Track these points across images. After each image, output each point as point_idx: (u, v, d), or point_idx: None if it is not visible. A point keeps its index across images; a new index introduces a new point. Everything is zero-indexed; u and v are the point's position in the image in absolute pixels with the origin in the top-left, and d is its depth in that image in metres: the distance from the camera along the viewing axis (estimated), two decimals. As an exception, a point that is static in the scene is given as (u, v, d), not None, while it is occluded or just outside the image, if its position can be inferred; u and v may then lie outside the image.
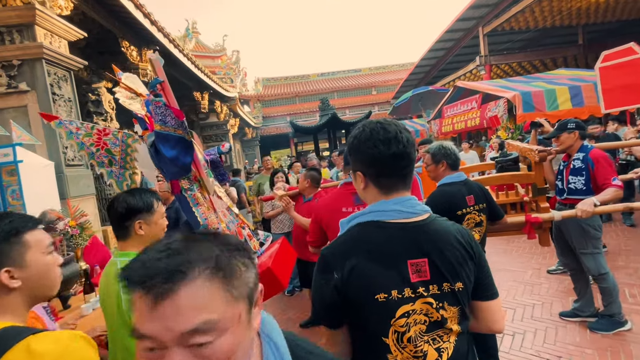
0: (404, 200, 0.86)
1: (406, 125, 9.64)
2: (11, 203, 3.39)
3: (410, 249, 0.82)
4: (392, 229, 0.84)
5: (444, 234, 0.85)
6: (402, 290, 0.80)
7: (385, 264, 0.81)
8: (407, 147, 0.83)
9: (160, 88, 1.54)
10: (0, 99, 3.90)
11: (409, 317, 0.81)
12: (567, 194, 2.54)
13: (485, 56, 11.99)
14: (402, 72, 25.27)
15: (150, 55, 1.53)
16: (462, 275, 0.84)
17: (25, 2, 3.79)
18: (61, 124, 1.73)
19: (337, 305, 0.83)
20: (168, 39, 7.02)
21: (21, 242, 0.80)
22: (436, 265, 0.82)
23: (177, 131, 1.52)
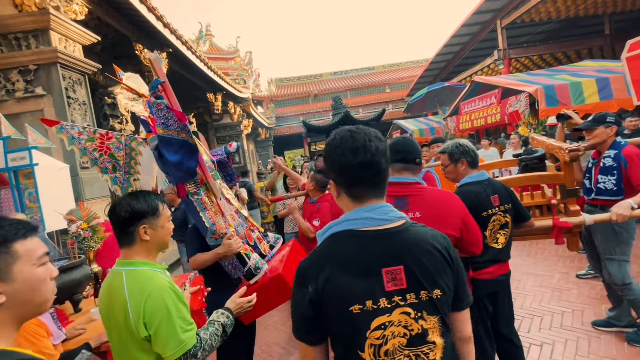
0: (377, 208, 0.83)
1: (421, 123, 9.43)
2: (28, 205, 3.45)
3: (384, 256, 0.80)
4: (365, 237, 0.82)
5: (420, 240, 0.83)
6: (377, 301, 0.78)
7: (359, 273, 0.79)
8: (375, 156, 0.81)
9: (162, 89, 1.46)
10: (18, 103, 3.98)
11: (385, 329, 0.78)
12: (595, 194, 2.34)
13: (504, 50, 11.53)
14: (417, 68, 24.80)
15: (149, 55, 1.46)
16: (440, 282, 0.81)
17: (40, 8, 3.85)
18: (62, 129, 1.69)
19: (313, 319, 0.81)
20: (181, 41, 7.07)
21: (9, 252, 0.72)
22: (412, 272, 0.80)
23: (180, 134, 1.44)
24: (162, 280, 1.15)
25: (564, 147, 1.97)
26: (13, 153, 3.27)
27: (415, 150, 1.44)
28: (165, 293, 1.11)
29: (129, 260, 1.18)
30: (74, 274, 2.43)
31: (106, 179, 1.91)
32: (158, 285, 1.12)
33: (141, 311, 1.08)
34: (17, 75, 3.94)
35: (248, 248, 1.77)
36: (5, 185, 3.38)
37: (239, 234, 1.79)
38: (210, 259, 1.72)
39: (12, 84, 3.94)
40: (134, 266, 1.16)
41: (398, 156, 1.41)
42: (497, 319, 1.82)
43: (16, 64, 3.91)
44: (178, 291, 1.17)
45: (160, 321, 1.08)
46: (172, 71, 7.85)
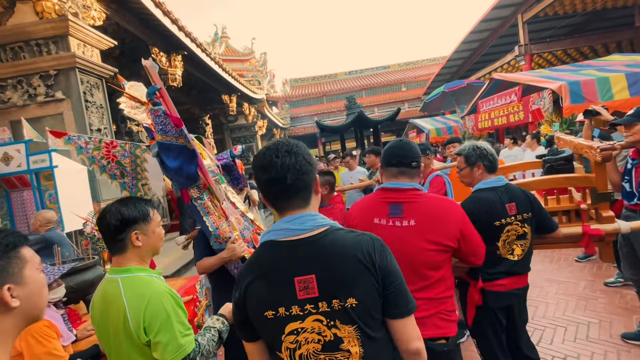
0: (294, 218, 0.86)
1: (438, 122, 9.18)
2: (48, 206, 3.56)
3: (297, 266, 0.83)
4: (281, 247, 0.86)
5: (335, 248, 0.83)
6: (289, 308, 0.82)
7: (274, 282, 0.84)
8: (279, 173, 0.84)
9: (159, 96, 1.46)
10: (39, 107, 4.13)
11: (298, 335, 0.83)
12: (637, 198, 2.13)
13: (525, 45, 11.08)
14: (433, 66, 24.31)
15: (145, 62, 1.45)
16: (355, 291, 0.81)
17: (60, 15, 3.97)
18: (70, 140, 1.77)
19: (242, 321, 0.90)
20: (195, 43, 7.17)
21: (19, 257, 0.75)
22: (324, 280, 0.81)
23: (178, 140, 1.44)
24: (160, 286, 1.15)
25: (595, 146, 1.81)
26: (34, 156, 3.39)
27: (412, 153, 1.37)
28: (165, 298, 1.11)
29: (123, 268, 1.16)
30: (88, 275, 2.47)
31: (116, 185, 1.94)
32: (157, 291, 1.12)
33: (141, 317, 1.08)
34: (39, 80, 4.08)
35: (252, 251, 1.74)
36: (28, 186, 3.50)
37: (244, 238, 1.77)
38: (215, 263, 1.71)
39: (33, 89, 4.09)
40: (129, 273, 1.15)
41: (393, 160, 1.36)
42: (512, 333, 1.70)
43: (37, 70, 4.06)
44: (176, 296, 1.17)
45: (160, 326, 1.08)
46: (188, 73, 7.99)
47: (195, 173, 1.54)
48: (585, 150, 1.95)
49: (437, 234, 1.26)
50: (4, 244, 0.73)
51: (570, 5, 10.30)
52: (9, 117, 3.93)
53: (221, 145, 13.36)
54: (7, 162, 3.35)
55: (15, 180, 3.51)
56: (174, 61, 6.90)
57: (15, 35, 4.00)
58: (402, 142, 1.42)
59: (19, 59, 4.06)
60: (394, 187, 1.35)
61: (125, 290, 1.11)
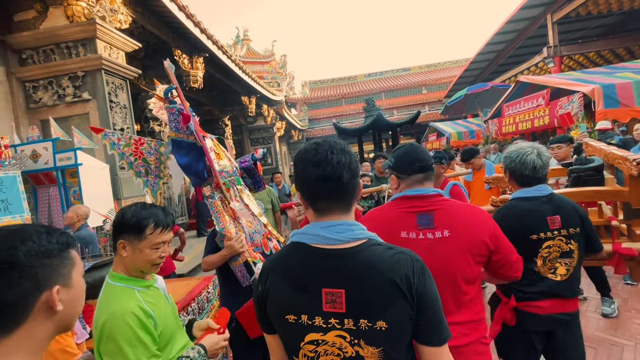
0: (333, 225, 0.81)
1: (460, 126, 8.84)
2: (73, 202, 3.68)
3: (327, 276, 0.79)
4: (313, 254, 0.81)
5: (371, 266, 0.77)
6: (312, 317, 0.79)
7: (298, 287, 0.81)
8: (337, 169, 0.79)
9: (175, 95, 1.47)
10: (67, 107, 4.30)
11: (318, 346, 0.79)
12: None
13: (555, 47, 10.61)
14: (456, 69, 23.76)
15: (165, 63, 1.47)
16: (387, 315, 0.76)
17: (89, 18, 4.12)
18: (106, 135, 1.85)
19: (262, 315, 0.87)
20: (217, 46, 7.30)
21: (70, 258, 0.72)
22: (354, 298, 0.77)
23: (189, 137, 1.43)
24: (128, 303, 1.07)
25: (631, 158, 1.66)
26: (61, 153, 3.52)
27: (429, 155, 1.28)
28: (121, 321, 1.03)
29: (112, 272, 1.15)
30: (104, 271, 2.52)
31: (139, 182, 1.99)
32: (120, 309, 1.04)
33: (98, 331, 1.05)
34: (67, 82, 4.25)
35: (258, 256, 1.72)
36: (54, 183, 3.64)
37: (254, 242, 1.75)
38: (218, 260, 1.73)
39: (62, 90, 4.27)
40: (112, 279, 1.12)
41: (416, 166, 1.22)
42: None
43: (67, 71, 4.23)
44: (144, 316, 1.07)
45: (109, 350, 1.02)
46: (209, 75, 8.15)
47: (202, 171, 1.56)
48: (618, 162, 1.78)
49: (472, 242, 1.15)
50: (60, 242, 0.69)
51: (605, 5, 9.77)
52: (40, 116, 4.11)
53: (239, 146, 13.56)
54: (36, 159, 3.50)
55: (42, 176, 3.66)
56: (196, 63, 7.06)
57: (48, 39, 4.19)
58: (415, 145, 1.31)
59: (50, 61, 4.25)
60: (419, 193, 1.22)
61: (101, 297, 1.10)
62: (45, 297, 0.64)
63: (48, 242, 0.67)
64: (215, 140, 1.78)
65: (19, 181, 2.94)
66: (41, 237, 0.67)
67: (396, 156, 1.30)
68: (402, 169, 1.26)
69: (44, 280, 0.64)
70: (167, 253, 1.18)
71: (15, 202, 2.88)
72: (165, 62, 1.50)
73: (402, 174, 1.26)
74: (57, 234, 0.70)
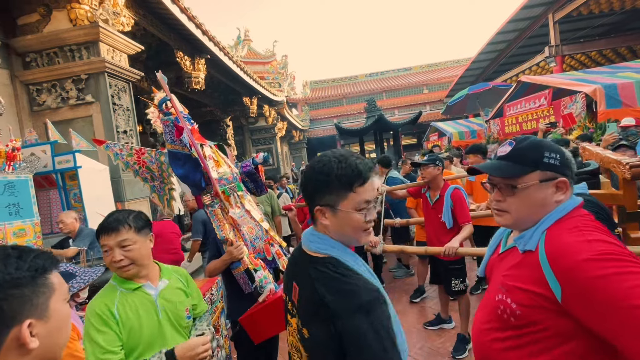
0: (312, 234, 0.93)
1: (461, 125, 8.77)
2: (73, 205, 3.71)
3: (297, 273, 0.94)
4: (299, 251, 0.97)
5: (310, 278, 0.86)
6: (288, 303, 0.97)
7: (286, 278, 1.01)
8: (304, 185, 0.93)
9: (170, 106, 1.49)
10: (71, 110, 4.32)
11: (288, 326, 0.97)
12: None
13: (557, 46, 10.57)
14: (457, 68, 23.72)
15: (157, 74, 1.49)
16: (311, 327, 0.84)
17: (92, 22, 4.14)
18: (108, 147, 1.89)
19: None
20: (218, 47, 7.31)
21: (47, 285, 0.62)
22: (300, 298, 0.89)
23: (184, 149, 1.46)
24: (100, 300, 1.21)
25: (624, 162, 1.67)
26: (59, 156, 3.53)
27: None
28: (90, 314, 1.18)
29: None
30: (109, 274, 2.55)
31: (147, 187, 2.03)
32: (93, 303, 1.21)
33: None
34: (71, 84, 4.27)
35: (259, 263, 1.74)
36: (54, 186, 3.66)
37: (255, 248, 1.77)
38: (220, 266, 1.77)
39: (66, 92, 4.29)
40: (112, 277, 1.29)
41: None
42: None
43: (70, 74, 4.25)
44: (108, 315, 1.18)
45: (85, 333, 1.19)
46: (211, 76, 8.17)
47: (199, 181, 1.59)
48: (612, 165, 1.79)
49: None
50: (33, 268, 0.60)
51: (607, 4, 9.75)
52: (43, 119, 4.13)
53: (241, 147, 13.58)
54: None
55: (41, 180, 3.67)
56: (198, 64, 7.07)
57: (51, 42, 4.21)
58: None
59: (53, 64, 4.27)
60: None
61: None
62: (14, 334, 0.55)
63: (17, 269, 0.58)
64: (215, 147, 1.80)
65: (30, 185, 2.94)
66: (8, 263, 0.58)
67: (561, 153, 0.90)
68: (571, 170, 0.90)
69: (12, 315, 0.56)
70: (120, 257, 1.21)
71: (26, 206, 2.89)
72: (158, 74, 1.53)
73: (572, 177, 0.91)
74: (30, 257, 0.61)
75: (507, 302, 0.82)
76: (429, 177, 2.76)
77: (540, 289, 0.76)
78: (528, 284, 0.78)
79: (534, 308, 0.77)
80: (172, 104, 1.52)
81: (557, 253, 0.76)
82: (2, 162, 2.77)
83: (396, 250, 3.22)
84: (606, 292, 0.66)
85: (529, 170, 0.87)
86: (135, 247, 1.21)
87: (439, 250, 2.38)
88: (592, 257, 0.70)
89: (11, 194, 2.78)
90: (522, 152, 0.89)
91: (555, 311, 0.74)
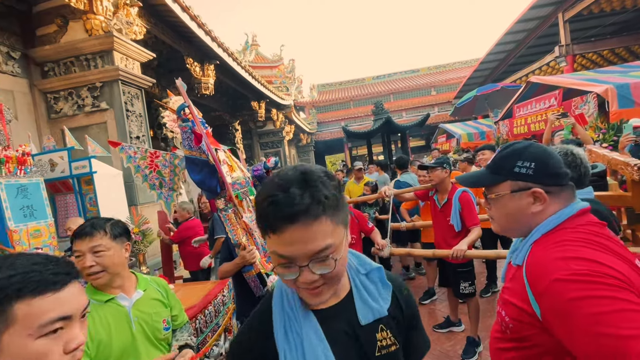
0: None
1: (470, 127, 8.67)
2: (89, 209, 3.82)
3: None
4: None
5: None
6: None
7: None
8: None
9: (187, 112, 1.54)
10: (86, 117, 4.46)
11: None
12: None
13: (567, 45, 10.42)
14: (465, 69, 23.56)
15: (176, 81, 1.54)
16: None
17: (106, 31, 4.28)
18: (123, 149, 1.94)
19: None
20: (227, 53, 7.44)
21: (4, 314, 0.53)
22: None
23: (202, 155, 1.50)
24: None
25: (633, 164, 1.66)
26: (76, 162, 3.65)
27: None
28: None
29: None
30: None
31: (153, 194, 2.08)
32: None
33: None
34: (87, 92, 4.42)
35: (270, 267, 1.78)
36: (70, 190, 3.79)
37: (266, 252, 1.81)
38: (232, 269, 1.81)
39: (82, 100, 4.44)
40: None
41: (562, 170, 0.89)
42: None
43: (86, 82, 4.40)
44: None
45: None
46: (220, 81, 8.31)
47: (215, 186, 1.62)
48: (620, 167, 1.78)
49: None
50: None
51: (618, 2, 9.60)
52: (60, 125, 4.28)
53: (250, 151, 13.72)
54: (52, 168, 3.64)
55: (59, 185, 3.80)
56: (207, 70, 7.21)
57: (68, 52, 4.37)
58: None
59: (70, 72, 4.43)
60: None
61: None
62: None
63: None
64: (229, 151, 1.85)
65: (42, 187, 3.05)
66: None
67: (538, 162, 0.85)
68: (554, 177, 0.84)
69: None
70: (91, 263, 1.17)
71: (40, 208, 2.99)
72: (177, 81, 1.58)
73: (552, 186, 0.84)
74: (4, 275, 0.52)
75: (502, 315, 0.81)
76: (437, 179, 2.76)
77: (525, 306, 0.75)
78: (518, 300, 0.77)
79: (523, 324, 0.76)
80: (191, 111, 1.57)
81: (533, 271, 0.74)
82: (14, 167, 2.87)
83: (403, 254, 3.22)
84: (574, 316, 0.65)
85: (501, 180, 0.85)
86: (108, 253, 1.17)
87: (447, 253, 2.38)
88: (563, 278, 0.67)
89: (24, 197, 2.88)
90: (498, 161, 0.88)
91: (541, 328, 0.72)
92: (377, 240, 2.88)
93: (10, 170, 2.79)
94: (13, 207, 2.74)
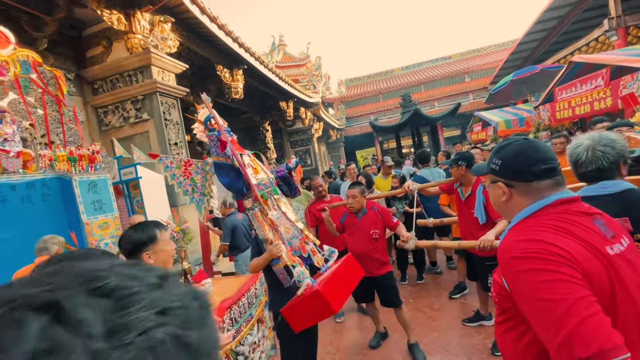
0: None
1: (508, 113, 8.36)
2: (137, 211, 4.24)
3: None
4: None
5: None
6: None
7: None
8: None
9: (213, 123, 1.71)
10: (131, 127, 4.91)
11: None
12: None
13: (618, 17, 9.46)
14: (502, 52, 22.18)
15: (202, 95, 1.71)
16: None
17: (144, 48, 4.67)
18: (160, 160, 2.16)
19: None
20: (254, 57, 7.72)
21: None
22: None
23: (228, 160, 1.66)
24: None
25: None
26: (124, 169, 4.06)
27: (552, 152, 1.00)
28: None
29: None
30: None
31: (186, 199, 2.31)
32: None
33: None
34: (130, 105, 4.87)
35: (296, 260, 1.90)
36: (121, 195, 4.22)
37: (292, 246, 1.94)
38: (262, 263, 1.97)
39: (127, 112, 4.90)
40: None
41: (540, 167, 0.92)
42: None
43: (129, 96, 4.84)
44: None
45: None
46: (248, 85, 8.65)
47: (242, 188, 1.78)
48: None
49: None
50: None
51: (679, -37, 8.52)
52: (110, 136, 4.76)
53: (280, 150, 14.09)
54: (108, 175, 4.08)
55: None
56: (236, 75, 7.55)
57: (113, 69, 4.83)
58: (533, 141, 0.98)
59: (115, 88, 4.90)
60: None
61: None
62: None
63: None
64: (253, 155, 2.01)
65: (109, 184, 3.40)
66: None
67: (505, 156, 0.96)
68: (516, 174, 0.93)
69: None
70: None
71: (107, 202, 3.33)
72: (203, 96, 1.76)
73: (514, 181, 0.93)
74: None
75: (493, 294, 0.94)
76: (456, 176, 2.76)
77: (500, 280, 0.87)
78: (498, 276, 0.89)
79: (502, 297, 0.87)
80: (216, 121, 1.75)
81: (500, 250, 0.88)
82: (85, 165, 3.23)
83: (429, 246, 3.23)
84: (522, 285, 0.78)
85: (486, 172, 1.03)
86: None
87: (473, 244, 2.37)
88: (517, 255, 0.80)
89: (95, 192, 3.22)
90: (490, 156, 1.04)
91: (512, 300, 0.84)
92: (402, 233, 2.92)
93: (82, 167, 3.15)
94: (85, 201, 3.07)
